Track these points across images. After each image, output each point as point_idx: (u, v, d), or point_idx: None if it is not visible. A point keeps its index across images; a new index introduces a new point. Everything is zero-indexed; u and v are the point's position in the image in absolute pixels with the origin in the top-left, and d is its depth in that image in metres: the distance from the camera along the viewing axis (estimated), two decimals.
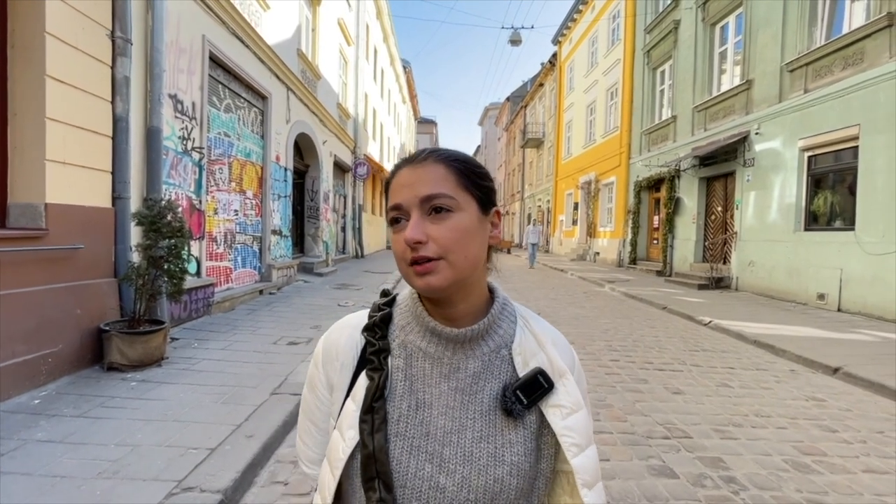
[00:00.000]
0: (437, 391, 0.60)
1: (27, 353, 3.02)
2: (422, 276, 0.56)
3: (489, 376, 0.61)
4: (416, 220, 0.56)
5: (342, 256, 14.13)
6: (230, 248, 6.63)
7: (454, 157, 0.61)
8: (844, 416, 3.31)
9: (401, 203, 0.58)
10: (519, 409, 0.58)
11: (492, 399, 0.60)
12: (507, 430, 0.59)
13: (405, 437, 0.58)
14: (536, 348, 0.63)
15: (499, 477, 0.57)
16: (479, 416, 0.59)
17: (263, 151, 7.67)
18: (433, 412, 0.59)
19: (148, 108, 4.38)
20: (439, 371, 0.61)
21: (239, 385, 3.31)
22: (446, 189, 0.57)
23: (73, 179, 3.47)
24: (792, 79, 8.23)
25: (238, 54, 6.44)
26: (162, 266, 3.75)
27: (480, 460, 0.57)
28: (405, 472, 0.56)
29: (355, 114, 14.91)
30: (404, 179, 0.59)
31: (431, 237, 0.56)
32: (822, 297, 7.40)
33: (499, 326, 0.63)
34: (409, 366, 0.62)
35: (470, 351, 0.61)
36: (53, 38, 3.22)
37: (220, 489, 2.05)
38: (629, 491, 2.28)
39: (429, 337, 0.62)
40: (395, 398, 0.60)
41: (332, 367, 0.65)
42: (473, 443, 0.58)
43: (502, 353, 0.62)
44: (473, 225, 0.59)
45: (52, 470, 2.12)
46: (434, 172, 0.58)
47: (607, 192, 17.11)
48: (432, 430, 0.58)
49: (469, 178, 0.60)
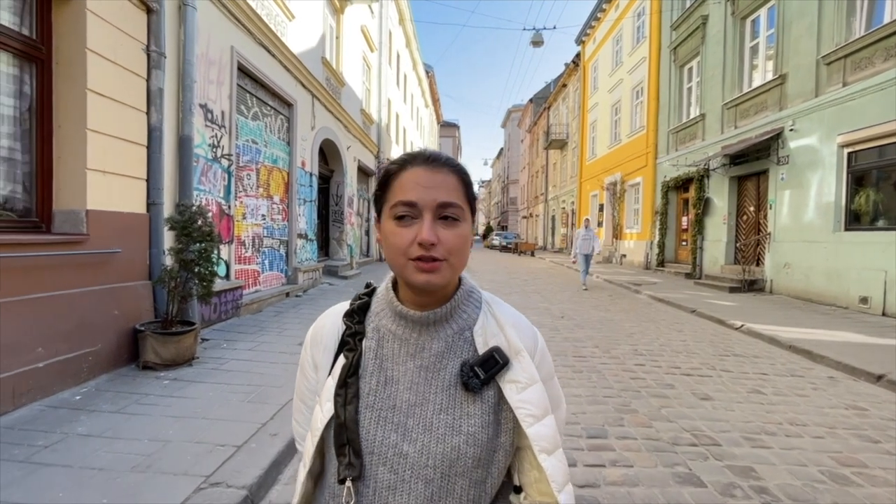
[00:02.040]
0: (403, 368, 0.66)
1: (69, 351, 3.19)
2: (425, 273, 0.62)
3: (452, 356, 0.67)
4: (430, 223, 0.62)
5: (366, 259, 14.32)
6: (258, 252, 6.82)
7: (463, 169, 0.67)
8: (888, 427, 3.13)
9: (415, 202, 0.62)
10: (476, 382, 0.63)
11: (453, 376, 0.65)
12: (466, 404, 0.64)
13: (374, 408, 0.64)
14: (497, 330, 0.69)
15: (455, 445, 0.62)
16: (441, 390, 0.65)
17: (289, 157, 7.87)
18: (400, 387, 0.65)
19: (180, 118, 4.57)
20: (406, 350, 0.67)
21: (265, 385, 3.40)
22: (458, 199, 0.64)
23: (112, 187, 3.65)
24: (829, 72, 7.87)
25: (265, 64, 6.64)
26: (193, 269, 3.89)
27: (439, 430, 0.62)
28: (373, 440, 0.63)
29: (378, 119, 15.12)
30: (421, 179, 0.63)
31: (441, 240, 0.62)
32: (864, 301, 7.01)
33: (463, 311, 0.69)
34: (380, 346, 0.68)
35: (435, 333, 0.67)
36: (94, 53, 3.41)
37: (245, 485, 2.11)
38: (653, 498, 2.22)
39: (398, 320, 0.68)
40: (367, 375, 0.66)
41: (317, 350, 0.73)
42: (434, 414, 0.63)
43: (465, 335, 0.68)
44: (470, 233, 0.66)
45: (90, 463, 2.24)
46: (450, 181, 0.64)
47: (633, 192, 16.74)
48: (398, 403, 0.64)
49: (469, 190, 0.67)
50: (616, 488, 2.31)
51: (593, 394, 3.68)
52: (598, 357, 4.77)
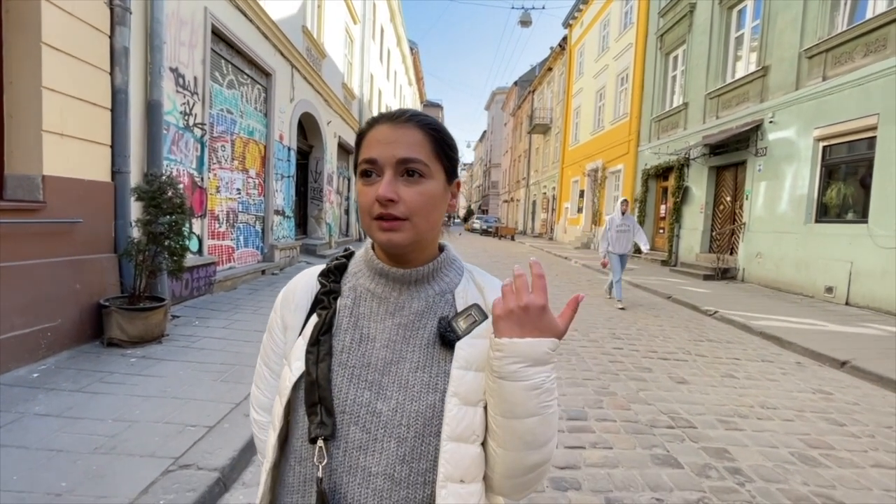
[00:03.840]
0: (381, 326, 0.64)
1: (26, 326, 2.99)
2: (386, 231, 0.60)
3: (431, 315, 0.65)
4: (389, 179, 0.59)
5: (345, 239, 14.08)
6: (232, 228, 6.57)
7: (432, 124, 0.63)
8: (852, 410, 3.26)
9: (376, 158, 0.60)
10: (453, 336, 0.61)
11: (432, 334, 0.63)
12: (444, 362, 0.62)
13: (347, 366, 0.62)
14: (477, 293, 0.68)
15: (431, 403, 0.60)
16: (419, 348, 0.63)
17: (267, 130, 7.55)
18: (376, 345, 0.63)
19: (148, 81, 4.27)
20: (385, 308, 0.65)
21: (239, 364, 3.29)
22: (422, 155, 0.60)
23: (72, 152, 3.39)
24: (810, 66, 7.99)
25: (241, 29, 6.28)
26: (162, 242, 3.69)
27: (415, 388, 0.60)
28: (345, 398, 0.60)
29: (360, 94, 14.68)
30: (382, 136, 0.61)
31: (402, 198, 0.59)
32: (829, 291, 7.30)
33: (445, 275, 0.68)
34: (356, 305, 0.66)
35: (416, 292, 0.66)
36: (49, 3, 3.11)
37: (217, 467, 2.03)
38: (632, 480, 2.24)
39: (377, 279, 0.67)
40: (340, 332, 0.64)
41: (287, 310, 0.70)
42: (410, 372, 0.61)
43: (447, 296, 0.67)
44: (439, 193, 0.63)
45: (48, 444, 2.10)
46: (413, 136, 0.61)
47: (614, 179, 16.89)
48: (373, 361, 0.62)
49: (442, 147, 0.63)
50: (596, 470, 2.32)
51: (573, 376, 3.70)
52: (577, 340, 4.81)
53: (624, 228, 6.67)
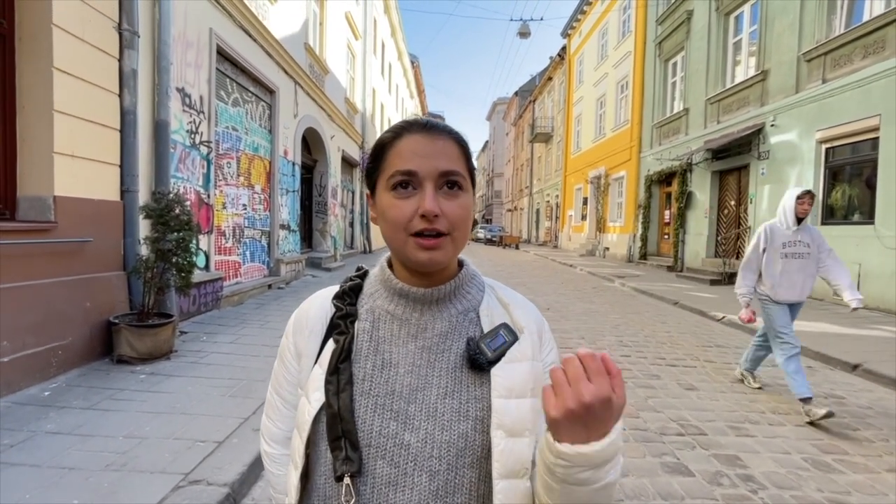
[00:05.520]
0: (404, 350, 0.60)
1: (37, 345, 3.03)
2: (428, 249, 0.57)
3: (456, 336, 0.61)
4: (432, 193, 0.57)
5: (350, 251, 14.14)
6: (239, 243, 6.63)
7: (461, 137, 0.63)
8: (865, 414, 3.21)
9: (416, 171, 0.57)
10: (482, 359, 0.57)
11: (458, 357, 0.60)
12: (474, 387, 0.58)
13: (370, 395, 0.58)
14: (503, 311, 0.64)
15: (463, 432, 0.56)
16: (446, 372, 0.59)
17: (271, 146, 7.66)
18: (399, 370, 0.59)
19: (156, 102, 4.37)
20: (406, 331, 0.61)
21: (247, 378, 3.30)
22: (460, 167, 0.59)
23: (82, 172, 3.47)
24: (809, 69, 8.01)
25: (245, 48, 6.41)
26: (170, 259, 3.74)
27: (445, 416, 0.56)
28: (370, 430, 0.56)
29: (363, 108, 14.87)
30: (420, 148, 0.58)
31: (444, 212, 0.57)
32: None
33: (467, 292, 0.64)
34: (375, 328, 0.62)
35: (437, 312, 0.62)
36: (60, 29, 3.21)
37: (226, 482, 2.03)
38: (643, 488, 2.22)
39: (396, 299, 0.63)
40: (361, 359, 0.60)
41: (301, 336, 0.66)
42: (438, 399, 0.57)
43: (470, 315, 0.63)
44: (472, 205, 0.61)
45: (60, 462, 2.12)
46: (451, 148, 0.60)
47: (617, 186, 16.89)
48: (398, 388, 0.58)
49: (469, 160, 0.63)
50: None
51: None
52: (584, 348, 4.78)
53: (799, 250, 3.37)
